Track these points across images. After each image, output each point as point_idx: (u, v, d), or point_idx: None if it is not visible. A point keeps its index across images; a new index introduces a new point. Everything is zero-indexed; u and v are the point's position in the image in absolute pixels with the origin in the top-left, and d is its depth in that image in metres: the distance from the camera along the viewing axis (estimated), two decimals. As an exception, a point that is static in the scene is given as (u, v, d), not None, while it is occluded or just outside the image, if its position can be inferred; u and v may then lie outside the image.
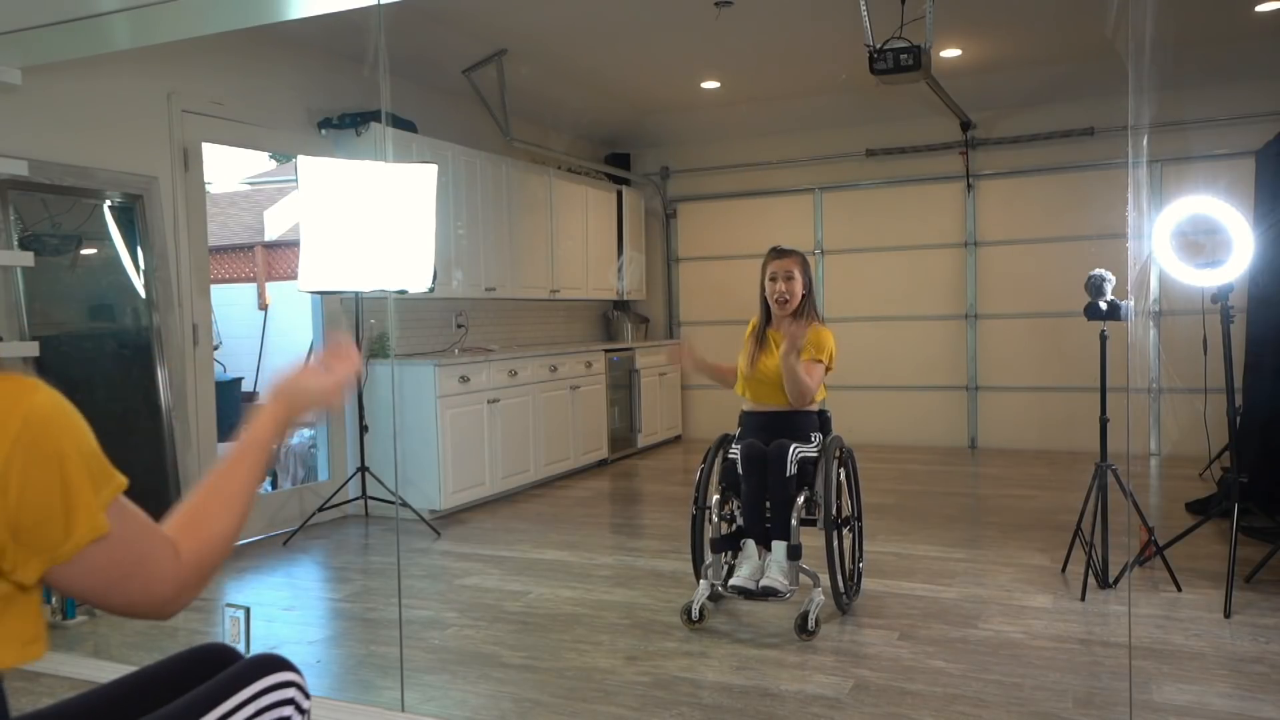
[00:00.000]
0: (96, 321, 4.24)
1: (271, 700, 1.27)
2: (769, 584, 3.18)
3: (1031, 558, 4.12)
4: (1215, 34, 5.61)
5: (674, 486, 6.21)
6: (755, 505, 3.31)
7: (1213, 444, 5.32)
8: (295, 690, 1.30)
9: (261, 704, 1.26)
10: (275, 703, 1.27)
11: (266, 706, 1.26)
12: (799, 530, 3.22)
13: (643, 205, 8.25)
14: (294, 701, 1.29)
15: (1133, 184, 4.45)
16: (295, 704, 1.30)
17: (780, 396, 3.48)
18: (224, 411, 6.65)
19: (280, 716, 1.28)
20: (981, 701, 2.66)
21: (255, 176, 11.58)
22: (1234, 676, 2.79)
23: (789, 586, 3.18)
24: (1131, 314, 3.63)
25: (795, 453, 3.27)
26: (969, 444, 7.30)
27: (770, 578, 3.19)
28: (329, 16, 3.21)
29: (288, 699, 1.29)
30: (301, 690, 1.32)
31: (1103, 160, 6.69)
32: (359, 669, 3.10)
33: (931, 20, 4.62)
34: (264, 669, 1.29)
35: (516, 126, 6.43)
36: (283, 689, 1.29)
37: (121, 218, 4.29)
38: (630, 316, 8.08)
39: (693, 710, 2.66)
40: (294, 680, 1.31)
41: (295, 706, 1.30)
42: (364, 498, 5.09)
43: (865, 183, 7.57)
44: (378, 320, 5.46)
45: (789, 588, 3.18)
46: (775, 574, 3.20)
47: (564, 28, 5.38)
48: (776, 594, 3.17)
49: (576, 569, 4.18)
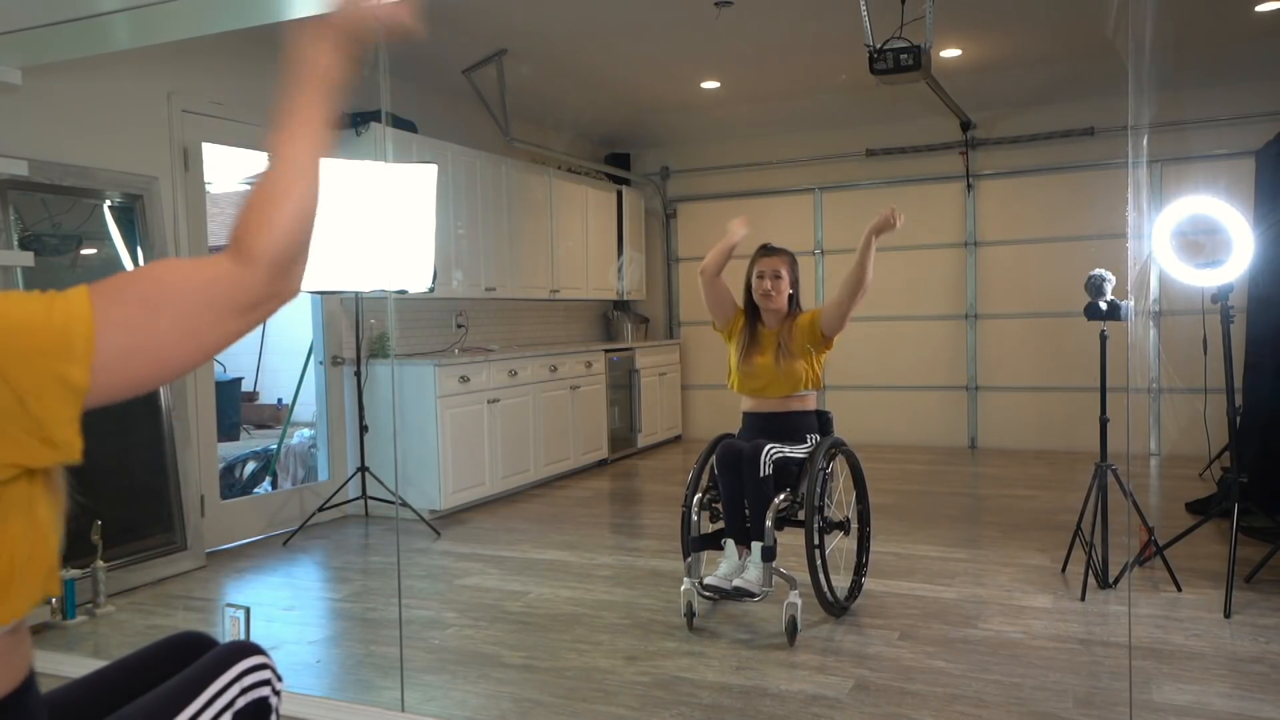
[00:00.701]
0: (96, 321, 4.23)
1: (249, 683, 1.35)
2: (741, 584, 3.18)
3: (1031, 558, 4.12)
4: (1215, 34, 5.61)
5: (674, 486, 6.21)
6: (734, 505, 3.31)
7: (1213, 444, 5.32)
8: (269, 672, 1.39)
9: (241, 686, 1.34)
10: (252, 684, 1.35)
11: (245, 689, 1.34)
12: (773, 531, 3.20)
13: (643, 205, 8.25)
14: (269, 683, 1.38)
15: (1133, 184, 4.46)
16: (270, 685, 1.38)
17: (776, 390, 3.48)
18: (224, 411, 6.65)
19: (259, 697, 1.36)
20: (981, 701, 2.66)
21: (255, 176, 11.59)
22: (1234, 676, 2.79)
23: (762, 588, 3.17)
24: (1131, 314, 3.63)
25: (770, 453, 3.26)
26: (969, 444, 7.30)
27: (743, 578, 3.19)
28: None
29: (263, 680, 1.37)
30: (274, 672, 1.40)
31: (1103, 160, 6.69)
32: (359, 669, 3.10)
33: (931, 20, 4.62)
34: (237, 655, 1.36)
35: (516, 126, 6.43)
36: (258, 671, 1.36)
37: (121, 218, 4.29)
38: (630, 316, 8.08)
39: (693, 710, 2.66)
40: (266, 663, 1.39)
41: (270, 687, 1.38)
42: (364, 498, 5.09)
43: (865, 183, 7.57)
44: (378, 320, 5.46)
45: (762, 589, 3.17)
46: (750, 575, 3.20)
47: (564, 28, 5.38)
48: (749, 595, 3.17)
49: (576, 569, 4.18)
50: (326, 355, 5.40)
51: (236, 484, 5.93)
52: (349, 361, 5.34)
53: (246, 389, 8.64)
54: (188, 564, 4.26)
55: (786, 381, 3.47)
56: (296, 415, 6.54)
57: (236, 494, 5.57)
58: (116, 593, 3.84)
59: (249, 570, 4.35)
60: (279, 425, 7.26)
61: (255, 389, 9.01)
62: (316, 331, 5.47)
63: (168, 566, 4.17)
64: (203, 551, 4.38)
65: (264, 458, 6.14)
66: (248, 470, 6.06)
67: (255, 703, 1.35)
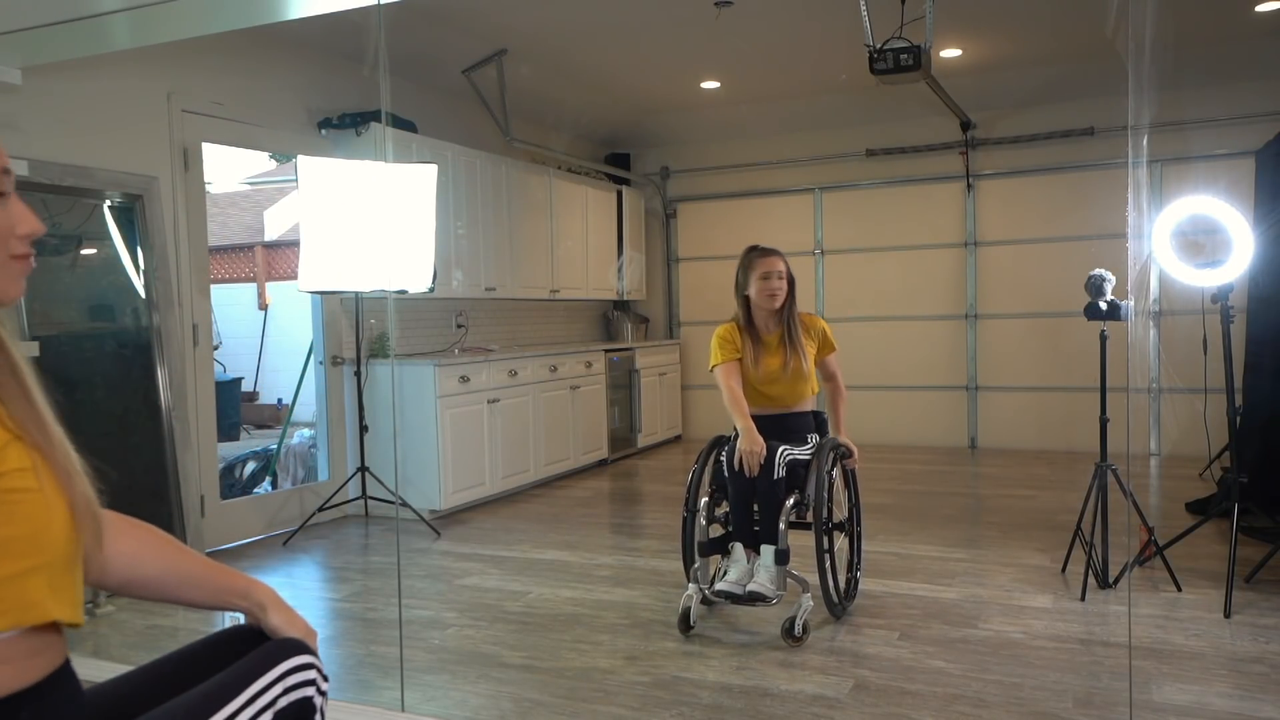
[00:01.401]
0: (96, 321, 4.24)
1: (295, 681, 1.34)
2: (755, 589, 3.15)
3: (1031, 558, 4.12)
4: (1215, 34, 5.61)
5: (674, 486, 6.21)
6: (743, 508, 3.29)
7: (1213, 444, 5.31)
8: (315, 672, 1.38)
9: (286, 684, 1.33)
10: (298, 683, 1.35)
11: (291, 687, 1.34)
12: (786, 534, 3.19)
13: (643, 205, 8.25)
14: (314, 683, 1.38)
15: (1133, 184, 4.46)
16: (315, 685, 1.38)
17: (787, 396, 3.49)
18: (224, 411, 6.66)
19: (303, 696, 1.35)
20: (981, 701, 2.66)
21: (255, 176, 11.59)
22: (1234, 676, 2.79)
23: (776, 592, 3.15)
24: (1131, 314, 3.62)
25: (784, 455, 3.24)
26: (969, 444, 7.30)
27: (757, 583, 3.17)
28: (329, 16, 3.21)
29: (309, 680, 1.37)
30: (320, 672, 1.40)
31: (1103, 160, 6.69)
32: (359, 669, 3.10)
33: (931, 20, 4.62)
34: (283, 653, 1.36)
35: (516, 126, 6.43)
36: (304, 670, 1.36)
37: (121, 218, 4.29)
38: (630, 316, 8.08)
39: (693, 710, 2.66)
40: (313, 662, 1.38)
41: (315, 687, 1.38)
42: (364, 498, 5.08)
43: (865, 183, 7.57)
44: (378, 320, 5.46)
45: (776, 593, 3.15)
46: (763, 579, 3.17)
47: (564, 28, 5.38)
48: (763, 599, 3.14)
49: (576, 569, 4.18)
50: (326, 355, 5.40)
51: (236, 484, 5.94)
52: (349, 361, 5.34)
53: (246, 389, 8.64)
54: (188, 564, 4.26)
55: (800, 384, 3.49)
56: (296, 415, 6.54)
57: (236, 494, 5.57)
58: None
59: (249, 570, 4.33)
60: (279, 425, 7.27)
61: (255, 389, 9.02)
62: (316, 331, 5.47)
63: (168, 566, 4.16)
64: (203, 551, 4.38)
65: (264, 458, 6.14)
66: (248, 470, 6.07)
67: (299, 702, 1.34)
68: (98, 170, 4.12)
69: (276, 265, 10.16)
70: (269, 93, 5.01)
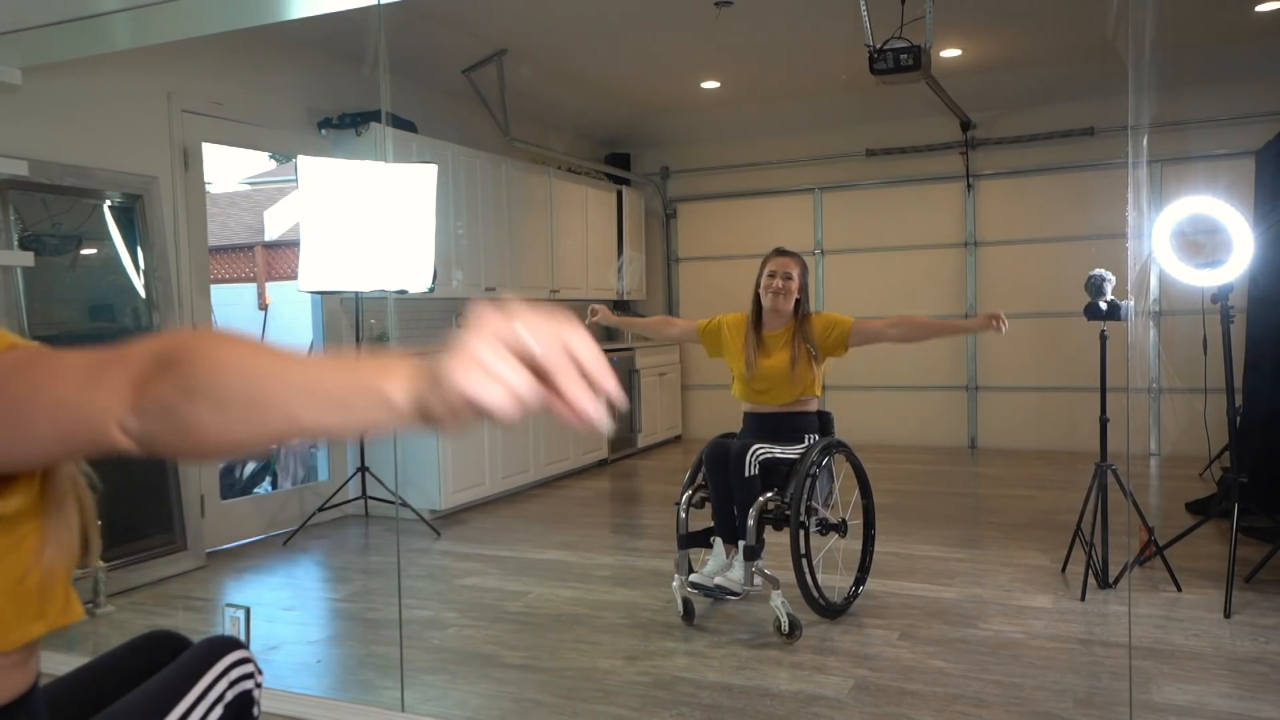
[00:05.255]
0: (96, 321, 4.23)
1: (237, 675, 1.38)
2: (722, 582, 3.21)
3: (1031, 558, 4.12)
4: (1215, 34, 5.61)
5: (674, 486, 6.17)
6: (722, 504, 3.34)
7: (1213, 444, 5.31)
8: (251, 666, 1.42)
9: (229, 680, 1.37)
10: (240, 676, 1.38)
11: (232, 682, 1.37)
12: (754, 531, 3.21)
13: (643, 205, 8.25)
14: (252, 676, 1.41)
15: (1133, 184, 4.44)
16: (253, 678, 1.41)
17: (782, 395, 3.49)
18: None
19: (244, 689, 1.39)
20: (981, 701, 2.66)
21: (255, 176, 11.57)
22: (1234, 676, 2.79)
23: (743, 587, 3.20)
24: (1131, 314, 3.62)
25: (756, 453, 3.27)
26: (969, 444, 7.30)
27: (725, 577, 3.22)
28: (329, 16, 3.21)
29: (248, 674, 1.40)
30: (255, 666, 1.43)
31: (1103, 160, 6.68)
32: (359, 669, 3.10)
33: (931, 20, 4.62)
34: (221, 650, 1.39)
35: (516, 126, 6.43)
36: (242, 665, 1.39)
37: (121, 218, 4.29)
38: (630, 316, 8.08)
39: (693, 710, 2.66)
40: (248, 657, 1.42)
41: (253, 680, 1.41)
42: (364, 498, 5.08)
43: (865, 183, 7.56)
44: (378, 320, 5.46)
45: (744, 588, 3.20)
46: (734, 574, 3.22)
47: (564, 28, 5.38)
48: (730, 593, 3.21)
49: (576, 569, 4.18)
50: (326, 355, 5.39)
51: (236, 484, 5.93)
52: (349, 361, 5.32)
53: (246, 389, 8.62)
54: (188, 564, 4.26)
55: (796, 385, 3.47)
56: (296, 415, 6.52)
57: (236, 494, 5.57)
58: (117, 593, 3.84)
59: (249, 570, 4.35)
60: (279, 425, 7.25)
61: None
62: (316, 331, 5.47)
63: (168, 566, 4.17)
64: (203, 551, 4.38)
65: (264, 457, 6.14)
66: (248, 470, 6.06)
67: (240, 695, 1.38)
68: (98, 170, 4.12)
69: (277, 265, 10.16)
70: (269, 93, 5.01)
